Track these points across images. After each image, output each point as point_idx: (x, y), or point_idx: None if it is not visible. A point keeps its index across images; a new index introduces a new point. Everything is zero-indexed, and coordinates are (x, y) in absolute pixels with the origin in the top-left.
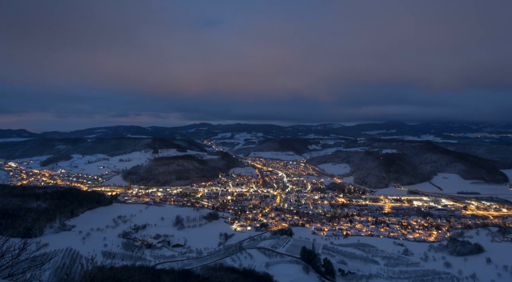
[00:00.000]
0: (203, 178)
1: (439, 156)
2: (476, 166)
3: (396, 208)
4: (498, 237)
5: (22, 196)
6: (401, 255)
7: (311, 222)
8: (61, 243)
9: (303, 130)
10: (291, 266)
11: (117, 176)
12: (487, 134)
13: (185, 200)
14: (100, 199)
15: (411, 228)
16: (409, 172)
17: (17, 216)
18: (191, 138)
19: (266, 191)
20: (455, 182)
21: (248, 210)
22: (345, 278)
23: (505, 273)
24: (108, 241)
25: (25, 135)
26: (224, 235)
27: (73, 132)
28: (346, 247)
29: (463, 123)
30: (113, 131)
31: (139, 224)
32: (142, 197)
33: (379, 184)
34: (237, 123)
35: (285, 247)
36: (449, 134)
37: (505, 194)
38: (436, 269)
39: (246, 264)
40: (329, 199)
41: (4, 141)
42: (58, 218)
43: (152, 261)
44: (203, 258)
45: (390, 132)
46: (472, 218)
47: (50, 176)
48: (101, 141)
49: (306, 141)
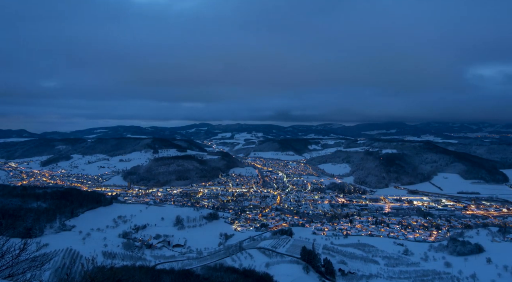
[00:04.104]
0: (203, 178)
1: (439, 155)
2: (476, 166)
3: (396, 208)
4: (498, 237)
5: (22, 196)
6: (401, 255)
7: (311, 222)
8: (61, 243)
9: (303, 130)
10: (291, 266)
11: (117, 176)
12: (487, 134)
13: (185, 200)
14: (100, 199)
15: (411, 228)
16: (409, 171)
17: (17, 216)
18: (191, 139)
19: (266, 191)
20: (455, 182)
21: (248, 210)
22: (345, 278)
23: (505, 273)
24: (108, 241)
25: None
26: (224, 235)
27: (73, 132)
28: (346, 247)
29: (463, 123)
30: (113, 132)
31: (139, 224)
32: (142, 197)
33: (379, 184)
34: (237, 124)
35: (285, 247)
36: (449, 134)
37: (505, 194)
38: (436, 269)
39: (246, 264)
40: (329, 199)
41: (4, 141)
42: (58, 218)
43: (152, 261)
44: (203, 258)
45: (390, 132)
46: (472, 218)
47: (50, 176)
48: (101, 141)
49: (306, 140)
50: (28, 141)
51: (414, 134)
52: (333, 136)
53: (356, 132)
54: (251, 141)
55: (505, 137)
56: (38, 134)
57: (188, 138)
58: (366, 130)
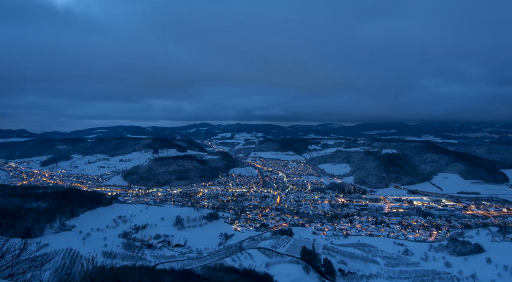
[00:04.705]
0: (203, 178)
1: (439, 155)
2: (476, 165)
3: (396, 207)
4: (498, 237)
5: (22, 196)
6: (401, 255)
7: (311, 222)
8: (61, 243)
9: (303, 130)
10: (291, 266)
11: (117, 176)
12: (487, 134)
13: (185, 200)
14: (100, 199)
15: (411, 228)
16: (409, 171)
17: (17, 216)
18: (191, 138)
19: (266, 191)
20: (455, 182)
21: (248, 210)
22: (345, 278)
23: (505, 273)
24: (108, 241)
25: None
26: (224, 235)
27: (73, 132)
28: (346, 247)
29: (463, 123)
30: (113, 132)
31: (139, 224)
32: (142, 197)
33: (379, 184)
34: (237, 124)
35: (285, 247)
36: (449, 134)
37: (505, 194)
38: (436, 269)
39: (246, 264)
40: (329, 199)
41: (4, 141)
42: (58, 218)
43: (152, 261)
44: (203, 258)
45: (390, 132)
46: (472, 218)
47: (50, 176)
48: (101, 141)
49: (306, 140)
50: (28, 140)
51: (414, 134)
52: (333, 136)
53: (356, 132)
54: (251, 141)
55: (505, 137)
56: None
57: (188, 138)
58: (366, 130)
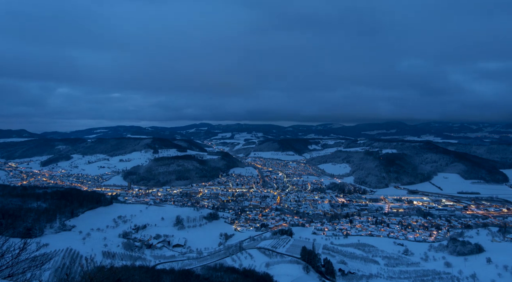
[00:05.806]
0: (203, 178)
1: (439, 156)
2: (476, 166)
3: (396, 207)
4: (498, 237)
5: (23, 196)
6: (401, 255)
7: (311, 222)
8: (61, 243)
9: (303, 130)
10: (291, 266)
11: (117, 176)
12: (487, 134)
13: (185, 200)
14: (100, 199)
15: (411, 228)
16: (409, 172)
17: (17, 216)
18: (191, 139)
19: (266, 191)
20: (455, 182)
21: (248, 210)
22: (345, 278)
23: (505, 273)
24: (108, 241)
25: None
26: (224, 235)
27: (73, 132)
28: (346, 247)
29: (463, 123)
30: (113, 132)
31: (139, 224)
32: (142, 197)
33: (379, 184)
34: (237, 124)
35: (285, 247)
36: (449, 135)
37: (505, 194)
38: (436, 269)
39: (246, 264)
40: (329, 199)
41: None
42: (58, 218)
43: (152, 261)
44: (203, 258)
45: (390, 132)
46: (472, 218)
47: (50, 176)
48: (101, 141)
49: (306, 141)
50: (28, 140)
51: (414, 134)
52: (333, 136)
53: (356, 132)
54: (251, 141)
55: (505, 137)
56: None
57: (188, 138)
58: (366, 130)
